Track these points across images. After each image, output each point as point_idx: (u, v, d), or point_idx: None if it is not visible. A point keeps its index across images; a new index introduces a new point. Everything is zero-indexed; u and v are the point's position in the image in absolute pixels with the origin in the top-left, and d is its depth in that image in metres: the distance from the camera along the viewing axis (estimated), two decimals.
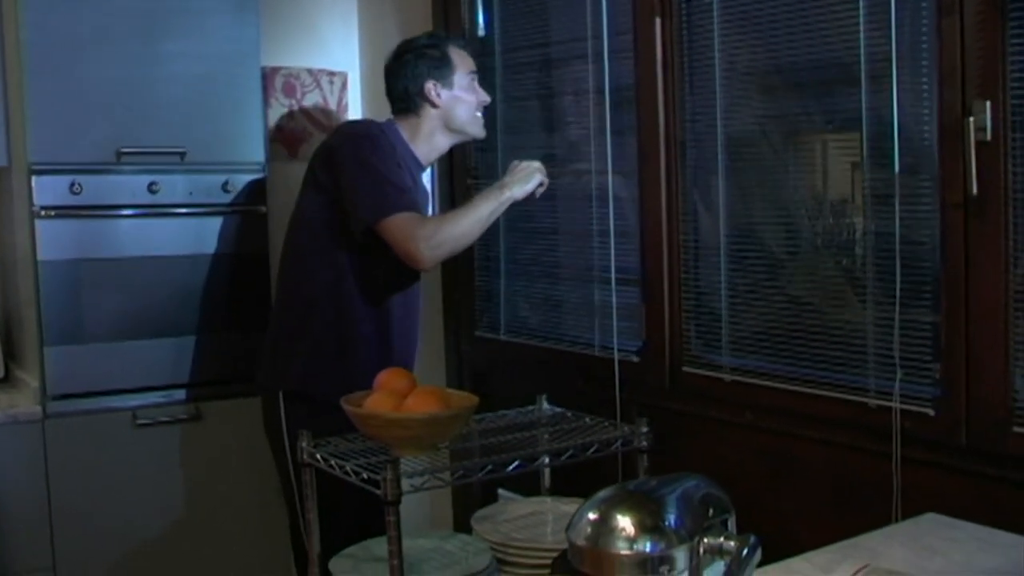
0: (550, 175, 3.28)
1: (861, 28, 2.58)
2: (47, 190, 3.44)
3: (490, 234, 3.59)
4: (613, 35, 3.27)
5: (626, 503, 1.40)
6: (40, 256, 3.44)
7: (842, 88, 2.68)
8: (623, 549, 1.35)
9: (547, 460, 2.64)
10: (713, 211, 3.01)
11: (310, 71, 4.17)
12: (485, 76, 3.57)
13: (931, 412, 2.47)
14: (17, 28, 3.42)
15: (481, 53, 3.79)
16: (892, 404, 2.51)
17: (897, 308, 2.52)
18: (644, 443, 2.66)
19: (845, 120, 2.71)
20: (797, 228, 2.85)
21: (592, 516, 1.39)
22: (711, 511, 1.45)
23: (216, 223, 3.69)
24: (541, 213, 3.62)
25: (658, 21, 3.07)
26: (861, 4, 2.57)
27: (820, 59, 2.74)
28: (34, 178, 3.43)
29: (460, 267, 3.93)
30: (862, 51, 2.58)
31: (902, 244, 2.52)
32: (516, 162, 3.27)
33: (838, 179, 2.80)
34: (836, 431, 2.67)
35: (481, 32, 3.85)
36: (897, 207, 2.52)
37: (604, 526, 1.37)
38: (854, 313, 2.68)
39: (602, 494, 1.43)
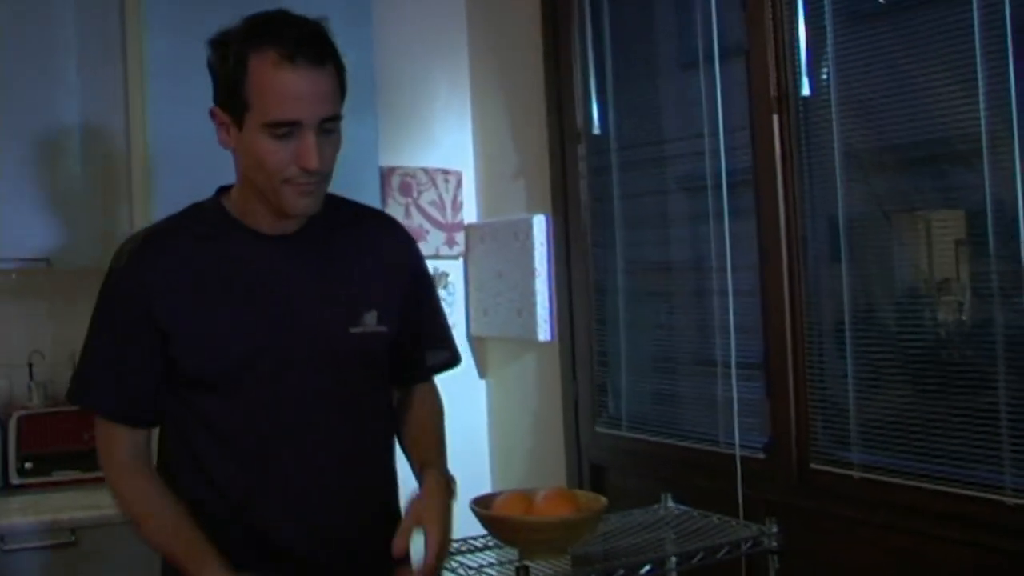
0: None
1: (983, 116, 2.54)
2: None
3: (610, 328, 3.57)
4: (728, 131, 3.26)
5: None
6: None
7: (960, 170, 2.65)
8: None
9: (675, 562, 2.59)
10: (836, 300, 2.97)
11: (426, 170, 4.22)
12: (601, 174, 3.58)
13: None
14: (144, 134, 3.50)
15: (597, 151, 3.81)
16: None
17: None
18: (774, 543, 2.60)
19: (957, 202, 2.67)
20: (921, 314, 2.80)
21: None
22: None
23: None
24: (661, 307, 3.61)
25: (775, 118, 3.06)
26: (982, 93, 2.54)
27: (936, 137, 2.71)
28: None
29: (579, 360, 3.92)
30: (984, 141, 2.54)
31: None
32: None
33: (961, 263, 2.75)
34: (972, 531, 2.59)
35: (596, 130, 3.87)
36: None
37: None
38: (985, 404, 2.61)
39: None
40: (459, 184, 4.31)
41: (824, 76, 2.97)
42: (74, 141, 3.81)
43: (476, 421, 4.45)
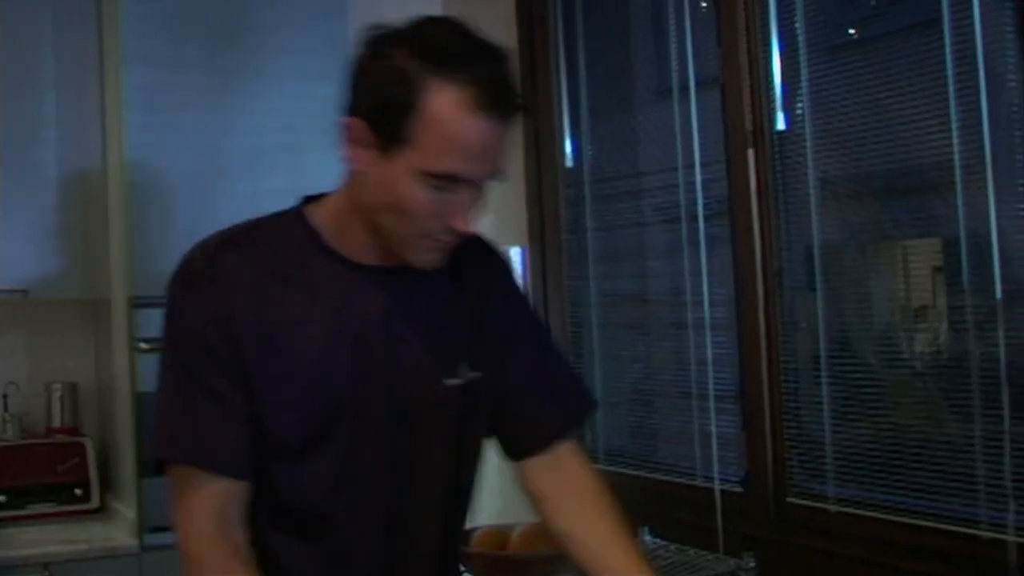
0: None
1: (956, 151, 2.56)
2: (146, 323, 3.48)
3: (586, 360, 3.56)
4: (704, 164, 3.27)
5: None
6: (138, 388, 3.47)
7: (932, 198, 2.66)
8: None
9: None
10: (812, 334, 2.97)
11: None
12: (575, 206, 3.58)
13: None
14: (121, 165, 3.50)
15: (571, 183, 3.81)
16: (1006, 537, 2.43)
17: (1007, 434, 2.45)
18: None
19: (927, 228, 2.68)
20: (896, 347, 2.80)
21: None
22: None
23: None
24: (637, 340, 3.61)
25: (751, 152, 3.07)
26: (954, 124, 2.55)
27: (914, 165, 2.72)
28: (133, 311, 3.47)
29: None
30: (958, 174, 2.56)
31: (1008, 368, 2.46)
32: None
33: (921, 291, 2.75)
34: (946, 565, 2.58)
35: (569, 163, 3.88)
36: (1001, 335, 2.47)
37: None
38: (960, 438, 2.61)
39: None
40: None
41: (799, 110, 2.98)
42: (52, 171, 3.81)
43: None
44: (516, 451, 1.96)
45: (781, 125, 3.01)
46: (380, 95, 1.58)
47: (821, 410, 2.94)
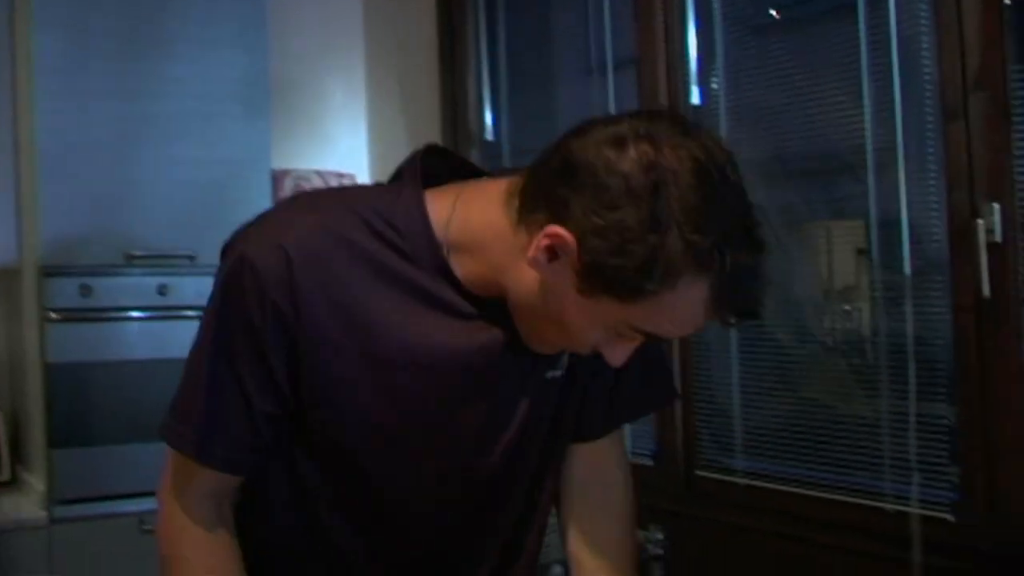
0: None
1: (868, 131, 2.60)
2: (56, 293, 3.43)
3: None
4: None
5: None
6: (49, 358, 3.42)
7: (848, 184, 2.68)
8: None
9: (559, 570, 2.59)
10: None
11: (319, 173, 4.19)
12: None
13: (951, 518, 2.43)
14: (31, 132, 3.45)
15: (490, 156, 3.80)
16: (910, 509, 2.47)
17: (912, 409, 2.49)
18: (659, 551, 2.62)
19: (847, 210, 2.71)
20: (805, 322, 2.83)
21: None
22: None
23: None
24: None
25: None
26: (866, 105, 2.59)
27: (824, 151, 2.74)
28: (44, 280, 3.43)
29: None
30: (869, 155, 2.60)
31: (915, 344, 2.50)
32: None
33: (847, 275, 2.78)
34: (853, 537, 2.62)
35: (489, 136, 3.87)
36: (909, 310, 2.51)
37: None
38: (868, 414, 2.65)
39: None
40: None
41: (715, 85, 3.00)
42: None
43: None
44: (579, 432, 1.70)
45: (696, 100, 3.03)
46: (623, 256, 1.24)
47: (731, 386, 2.97)
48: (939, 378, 2.49)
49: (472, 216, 1.43)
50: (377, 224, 1.42)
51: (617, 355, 1.39)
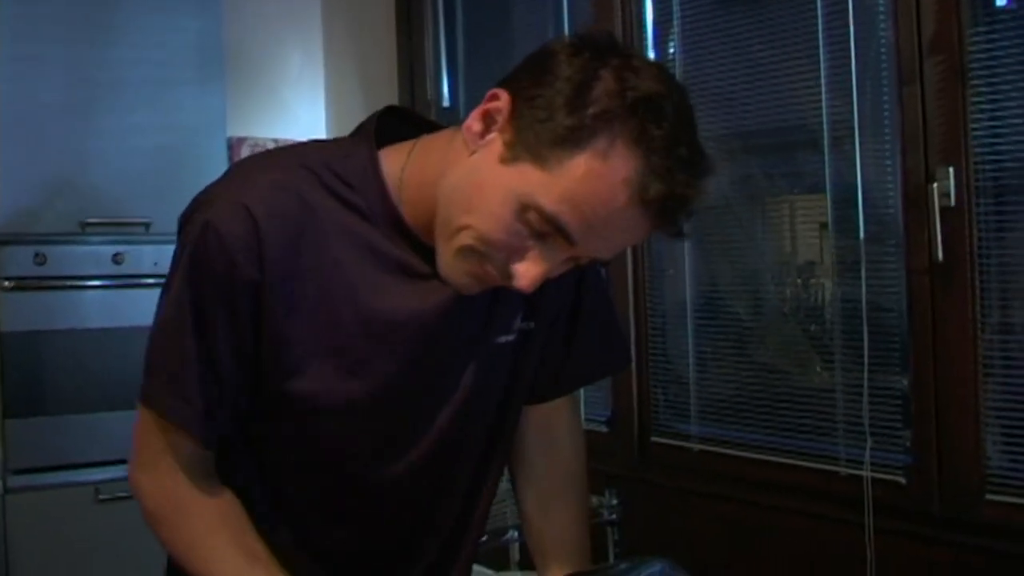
0: None
1: (823, 96, 2.60)
2: (10, 261, 3.40)
3: None
4: None
5: None
6: (2, 327, 3.39)
7: (806, 153, 2.69)
8: None
9: (516, 535, 2.60)
10: (679, 277, 3.01)
11: (276, 141, 4.16)
12: None
13: (903, 480, 2.45)
14: None
15: (445, 123, 3.80)
16: (863, 473, 2.49)
17: (866, 375, 2.51)
18: (613, 515, 2.63)
19: (809, 185, 2.72)
20: (764, 293, 2.85)
21: None
22: None
23: None
24: None
25: None
26: (823, 72, 2.59)
27: (783, 125, 2.75)
28: None
29: None
30: (825, 118, 2.60)
31: (869, 310, 2.51)
32: None
33: (804, 243, 2.80)
34: (806, 501, 2.64)
35: (446, 103, 3.86)
36: (863, 274, 2.52)
37: None
38: (822, 380, 2.67)
39: None
40: None
41: (671, 50, 3.00)
42: None
43: None
44: (533, 394, 1.66)
45: None
46: (556, 100, 1.24)
47: (687, 353, 2.98)
48: (893, 343, 2.50)
49: (429, 158, 1.40)
50: (330, 181, 1.39)
51: (529, 269, 1.30)
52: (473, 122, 1.31)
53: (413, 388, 1.47)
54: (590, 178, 1.23)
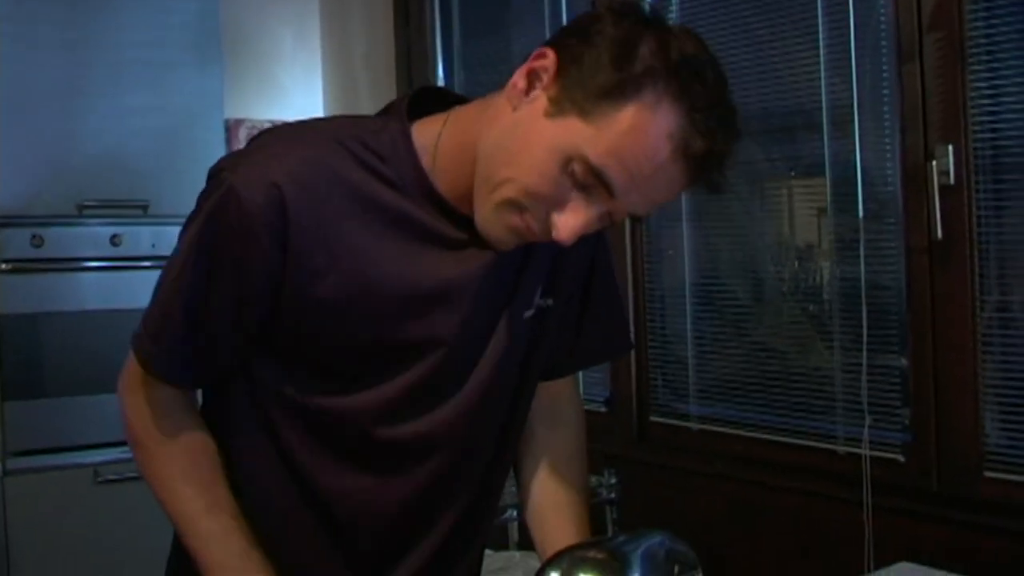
0: None
1: (822, 75, 2.59)
2: (8, 243, 3.39)
3: None
4: None
5: (589, 562, 1.36)
6: (0, 309, 3.39)
7: (806, 134, 2.69)
8: None
9: (515, 514, 2.60)
10: (678, 258, 3.01)
11: (273, 123, 4.15)
12: None
13: (901, 458, 2.45)
14: None
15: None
16: (861, 451, 2.49)
17: (864, 353, 2.51)
18: (612, 495, 2.63)
19: (809, 166, 2.72)
20: (763, 274, 2.85)
21: None
22: (677, 568, 1.41)
23: None
24: None
25: None
26: (822, 51, 2.58)
27: (783, 106, 2.74)
28: None
29: None
30: (824, 98, 2.60)
31: (868, 289, 2.51)
32: None
33: (803, 224, 2.80)
34: (805, 479, 2.65)
35: (441, 83, 3.87)
36: (862, 252, 2.52)
37: None
38: (821, 359, 2.67)
39: (565, 553, 1.39)
40: None
41: None
42: None
43: None
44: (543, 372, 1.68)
45: None
46: (602, 57, 1.27)
47: (685, 332, 2.98)
48: (891, 321, 2.50)
49: (465, 125, 1.42)
50: (362, 154, 1.41)
51: (569, 220, 1.32)
52: (519, 79, 1.33)
53: (443, 355, 1.48)
54: (636, 131, 1.26)
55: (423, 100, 1.49)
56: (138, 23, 3.59)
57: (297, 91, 4.30)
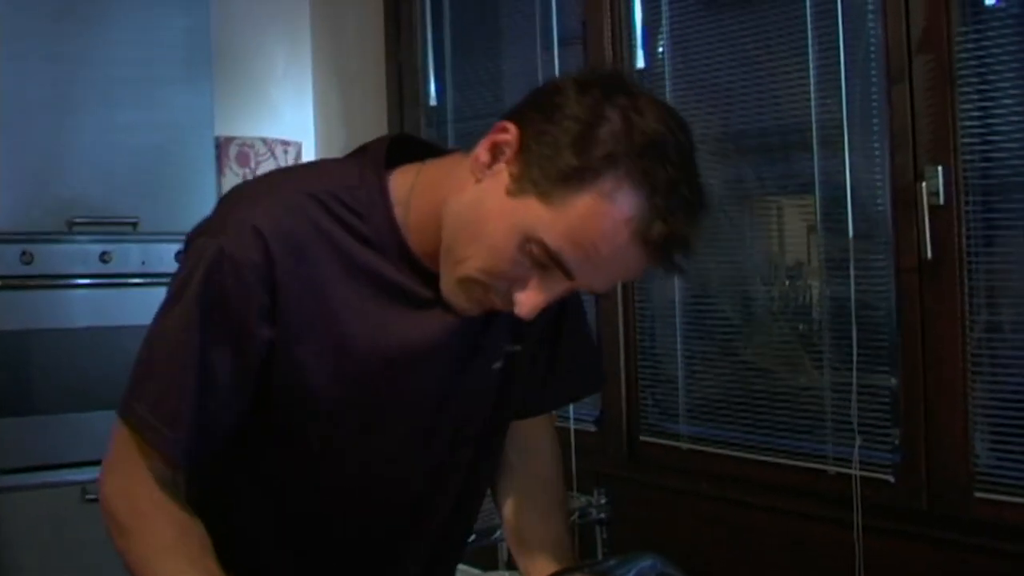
0: None
1: (812, 95, 2.60)
2: (1, 259, 3.39)
3: None
4: None
5: None
6: None
7: (796, 153, 2.69)
8: None
9: (503, 533, 2.59)
10: (668, 278, 3.01)
11: (264, 140, 4.15)
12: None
13: (891, 479, 2.45)
14: None
15: (435, 122, 3.80)
16: (851, 471, 2.49)
17: (854, 373, 2.51)
18: (602, 514, 2.63)
19: (799, 185, 2.73)
20: (753, 293, 2.85)
21: None
22: None
23: None
24: None
25: None
26: (812, 71, 2.59)
27: (773, 126, 2.75)
28: None
29: None
30: (814, 118, 2.60)
31: (858, 308, 2.51)
32: None
33: (793, 243, 2.80)
34: (795, 499, 2.64)
35: (433, 102, 3.86)
36: (852, 272, 2.52)
37: None
38: (811, 379, 2.67)
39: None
40: (299, 155, 4.24)
41: (660, 50, 3.00)
42: None
43: None
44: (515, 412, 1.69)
45: (641, 63, 3.03)
46: (563, 139, 1.26)
47: (675, 352, 2.98)
48: (881, 341, 2.51)
49: (436, 181, 1.42)
50: (338, 209, 1.40)
51: (529, 298, 1.32)
52: (482, 152, 1.32)
53: (413, 412, 1.49)
54: (594, 217, 1.25)
55: (399, 145, 1.49)
56: (129, 40, 3.59)
57: (288, 109, 4.29)
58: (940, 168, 2.31)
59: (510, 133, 1.30)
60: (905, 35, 2.37)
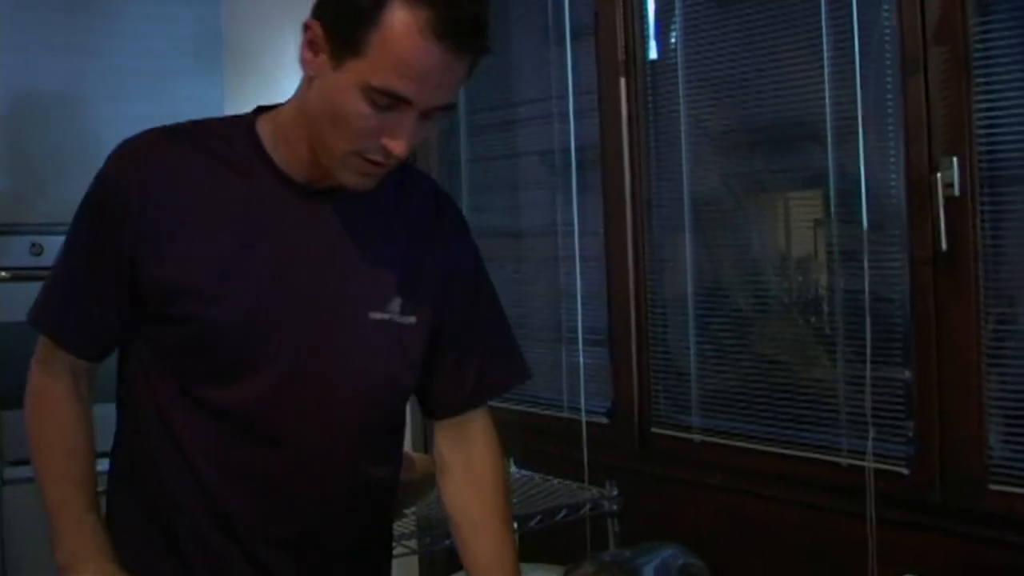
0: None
1: (827, 87, 2.59)
2: (6, 251, 3.38)
3: None
4: (578, 94, 3.27)
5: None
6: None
7: (809, 146, 2.68)
8: None
9: (515, 526, 2.59)
10: (680, 269, 3.00)
11: None
12: (448, 139, 3.55)
13: (905, 471, 2.44)
14: None
15: (444, 116, 3.79)
16: (865, 463, 2.48)
17: (868, 365, 2.50)
18: (614, 507, 2.63)
19: (812, 178, 2.72)
20: (765, 286, 2.84)
21: None
22: None
23: None
24: (508, 274, 3.60)
25: (623, 81, 3.07)
26: (826, 63, 2.58)
27: (786, 118, 2.74)
28: None
29: None
30: (828, 109, 2.59)
31: (871, 300, 2.51)
32: None
33: (806, 236, 2.79)
34: (808, 492, 2.64)
35: None
36: (866, 264, 2.51)
37: None
38: (824, 371, 2.66)
39: (578, 567, 1.39)
40: None
41: (672, 41, 2.99)
42: None
43: None
44: (430, 410, 1.89)
45: (653, 55, 3.02)
46: (346, 3, 1.51)
47: (687, 344, 2.97)
48: (895, 333, 2.50)
49: (292, 103, 1.68)
50: (211, 143, 1.70)
51: (397, 140, 1.55)
52: (304, 55, 1.58)
53: (279, 306, 1.68)
54: (395, 42, 1.48)
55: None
56: (139, 31, 3.58)
57: None
58: (955, 159, 2.30)
59: (313, 28, 1.55)
60: (920, 25, 2.36)
